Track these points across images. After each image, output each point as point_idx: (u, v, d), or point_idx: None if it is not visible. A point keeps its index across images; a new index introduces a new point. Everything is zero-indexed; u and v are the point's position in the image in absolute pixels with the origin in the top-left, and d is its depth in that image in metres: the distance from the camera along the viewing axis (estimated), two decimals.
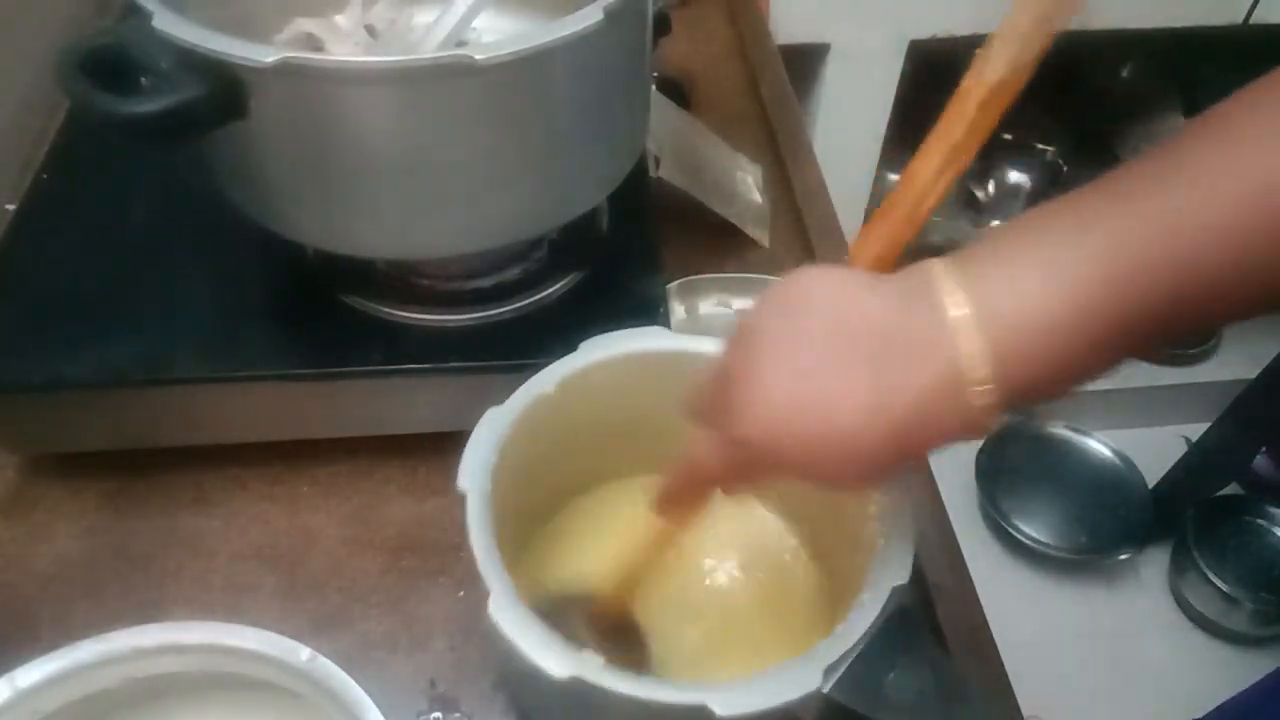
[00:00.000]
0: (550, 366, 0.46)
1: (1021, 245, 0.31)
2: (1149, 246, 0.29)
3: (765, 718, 0.35)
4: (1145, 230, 0.29)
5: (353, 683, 0.36)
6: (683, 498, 0.41)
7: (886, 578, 0.39)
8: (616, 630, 0.46)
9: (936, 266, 0.32)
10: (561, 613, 0.45)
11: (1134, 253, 0.29)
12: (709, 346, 0.47)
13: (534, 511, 0.50)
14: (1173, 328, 0.30)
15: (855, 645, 0.37)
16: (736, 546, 0.51)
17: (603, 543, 0.49)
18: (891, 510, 0.42)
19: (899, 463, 0.33)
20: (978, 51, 0.33)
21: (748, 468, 0.36)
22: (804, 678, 0.36)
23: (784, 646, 0.46)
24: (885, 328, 0.31)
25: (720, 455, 0.36)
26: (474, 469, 0.41)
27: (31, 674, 0.36)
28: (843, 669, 0.36)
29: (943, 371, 0.30)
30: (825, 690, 0.36)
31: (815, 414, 0.32)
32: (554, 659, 0.35)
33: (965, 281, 0.31)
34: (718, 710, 0.34)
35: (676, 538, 0.44)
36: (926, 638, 0.38)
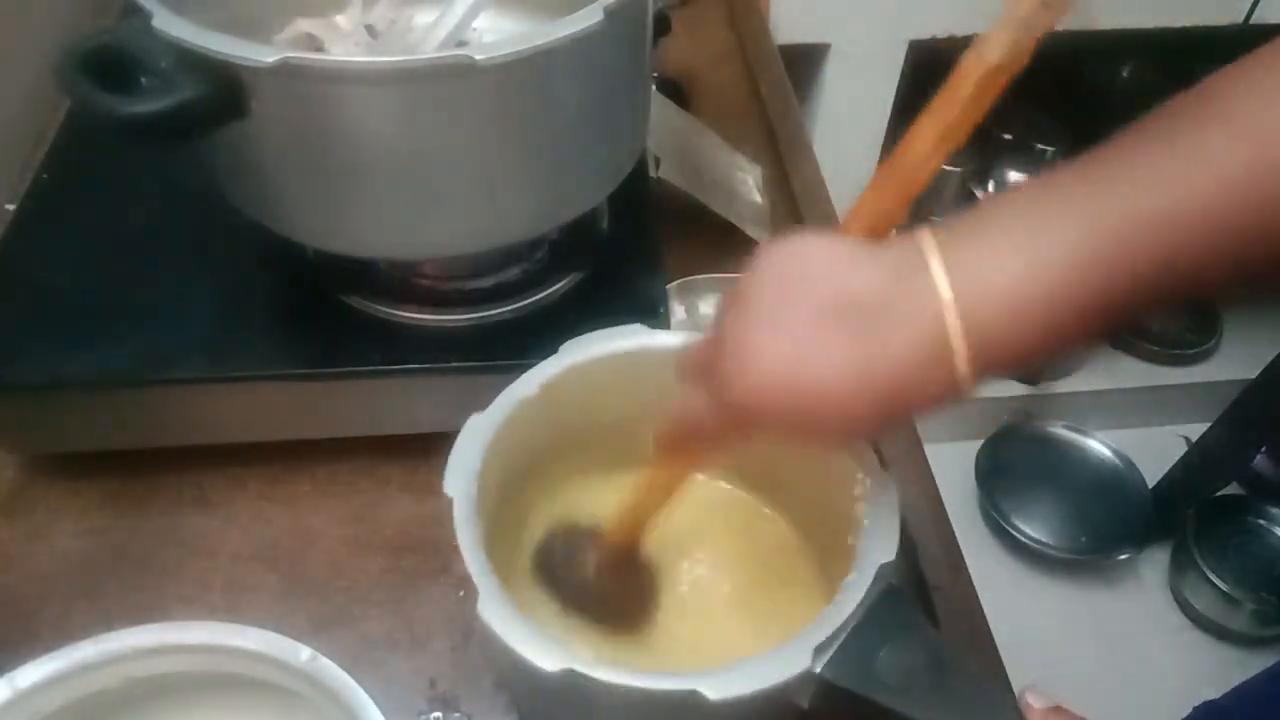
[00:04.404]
0: (532, 369, 0.46)
1: (1007, 221, 0.32)
2: (1131, 226, 0.30)
3: (759, 702, 0.35)
4: (1129, 209, 0.30)
5: (353, 682, 0.36)
6: (680, 446, 0.43)
7: (873, 556, 0.39)
8: (622, 566, 0.47)
9: (925, 238, 0.33)
10: (570, 540, 0.48)
11: (1116, 232, 0.30)
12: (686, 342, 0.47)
13: (523, 508, 0.50)
14: (1149, 303, 0.32)
15: (845, 624, 0.37)
16: (727, 533, 0.51)
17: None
18: (876, 490, 0.42)
19: (883, 425, 0.34)
20: (977, 35, 0.33)
21: (738, 427, 0.38)
22: (794, 658, 0.36)
23: (781, 633, 0.46)
24: (873, 298, 0.33)
25: (712, 415, 0.38)
26: (458, 474, 0.42)
27: (31, 674, 0.36)
28: (833, 648, 0.36)
29: (926, 342, 0.32)
30: (816, 670, 0.36)
31: (804, 383, 0.33)
32: (545, 654, 0.36)
33: (951, 254, 0.32)
34: (709, 695, 0.34)
35: (679, 483, 0.45)
36: (916, 614, 0.38)
